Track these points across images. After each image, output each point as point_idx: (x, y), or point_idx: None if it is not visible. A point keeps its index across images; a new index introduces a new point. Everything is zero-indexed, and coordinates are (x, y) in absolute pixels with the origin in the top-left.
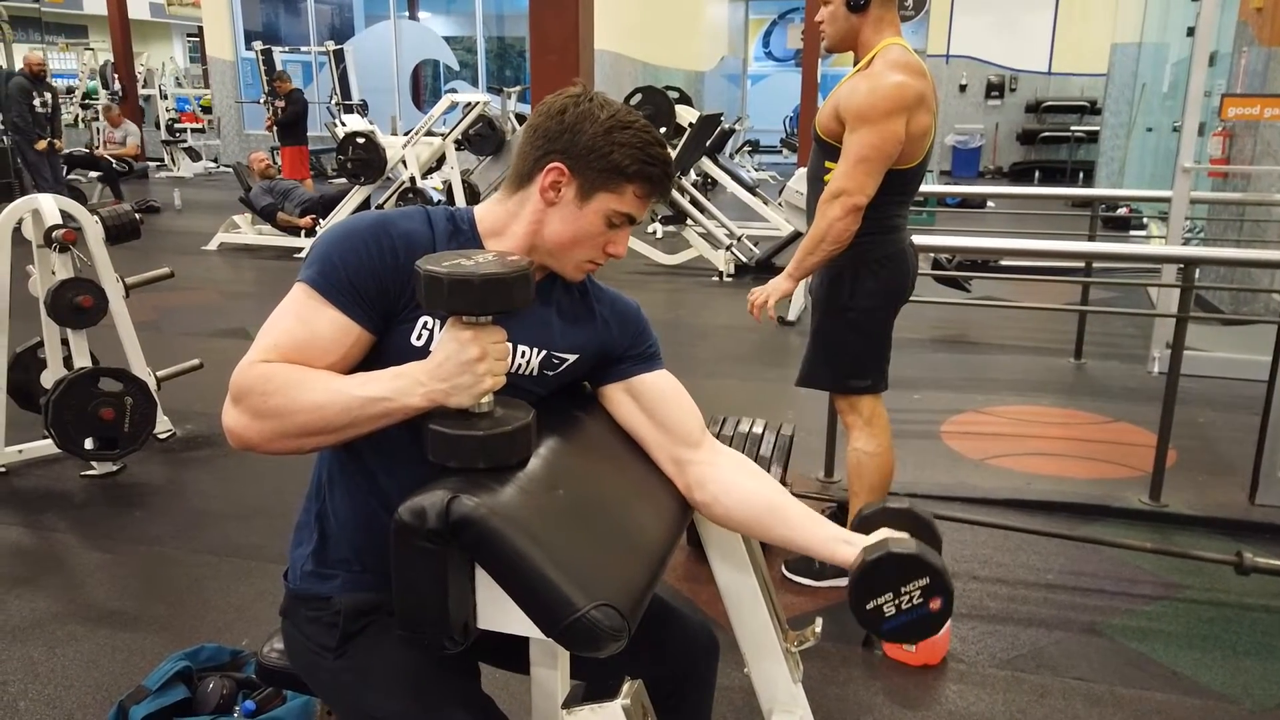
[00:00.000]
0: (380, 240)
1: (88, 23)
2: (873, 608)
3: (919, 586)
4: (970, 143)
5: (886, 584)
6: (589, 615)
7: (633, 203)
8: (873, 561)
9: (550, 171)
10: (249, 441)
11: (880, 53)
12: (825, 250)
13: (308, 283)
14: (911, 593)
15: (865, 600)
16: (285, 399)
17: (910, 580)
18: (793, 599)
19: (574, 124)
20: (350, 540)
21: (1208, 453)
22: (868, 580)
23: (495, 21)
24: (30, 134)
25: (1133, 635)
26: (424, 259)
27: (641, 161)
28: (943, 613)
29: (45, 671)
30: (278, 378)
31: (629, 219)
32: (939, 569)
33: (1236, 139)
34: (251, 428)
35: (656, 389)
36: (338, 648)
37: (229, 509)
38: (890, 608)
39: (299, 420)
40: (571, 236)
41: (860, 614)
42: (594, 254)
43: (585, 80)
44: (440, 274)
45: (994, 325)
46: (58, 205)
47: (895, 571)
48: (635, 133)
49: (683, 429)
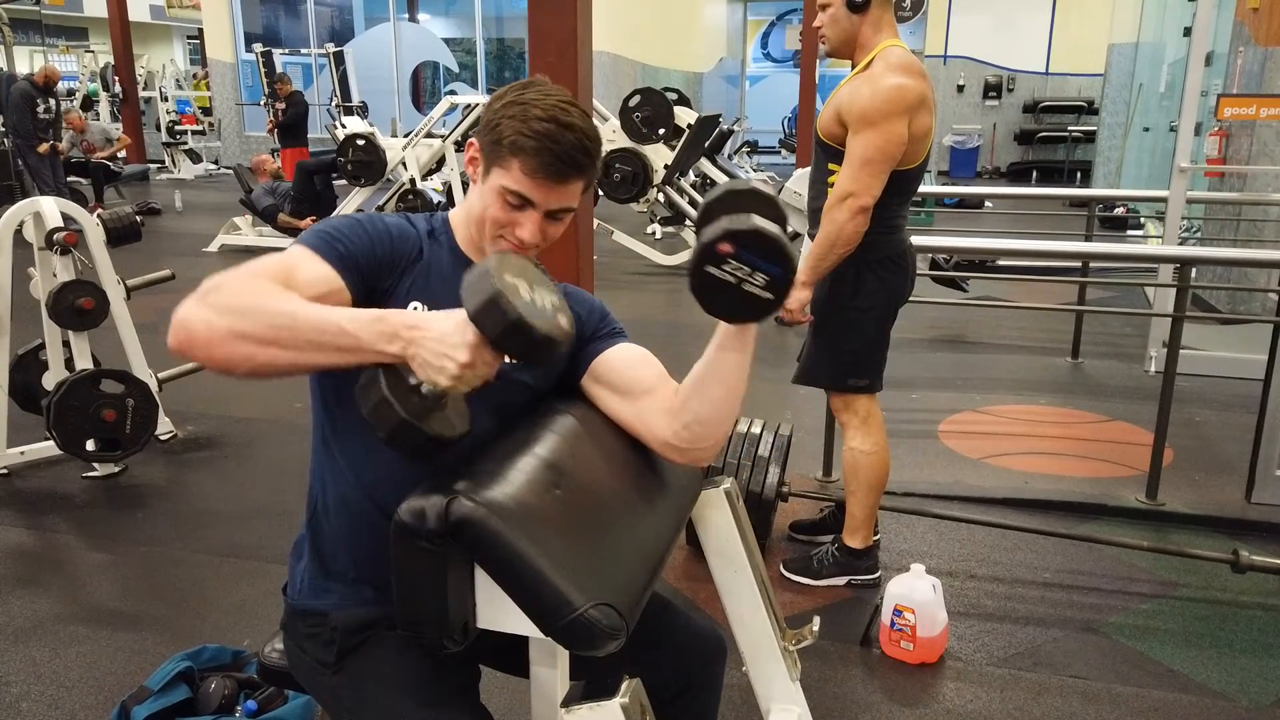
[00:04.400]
0: (375, 222)
1: (88, 25)
2: (746, 301)
3: (725, 261)
4: (968, 143)
5: (718, 287)
6: (587, 614)
7: (520, 180)
8: (697, 294)
9: (469, 148)
10: (194, 336)
11: (879, 54)
12: (838, 253)
13: (302, 243)
14: (734, 269)
15: (728, 310)
16: (258, 300)
17: (722, 268)
18: (791, 598)
19: (492, 100)
20: (347, 549)
21: (1204, 451)
22: (712, 305)
23: (494, 23)
24: (31, 138)
25: (1130, 633)
26: (496, 263)
27: (519, 133)
28: (745, 241)
29: (48, 672)
30: (259, 284)
31: (524, 200)
32: (704, 240)
33: (1233, 139)
34: (204, 321)
35: (615, 359)
36: (335, 663)
37: (230, 510)
38: (749, 285)
39: (264, 321)
40: (478, 213)
41: (748, 314)
42: (502, 233)
43: (583, 81)
44: (497, 297)
45: (991, 325)
46: (59, 208)
47: (708, 279)
48: (526, 105)
49: (642, 383)
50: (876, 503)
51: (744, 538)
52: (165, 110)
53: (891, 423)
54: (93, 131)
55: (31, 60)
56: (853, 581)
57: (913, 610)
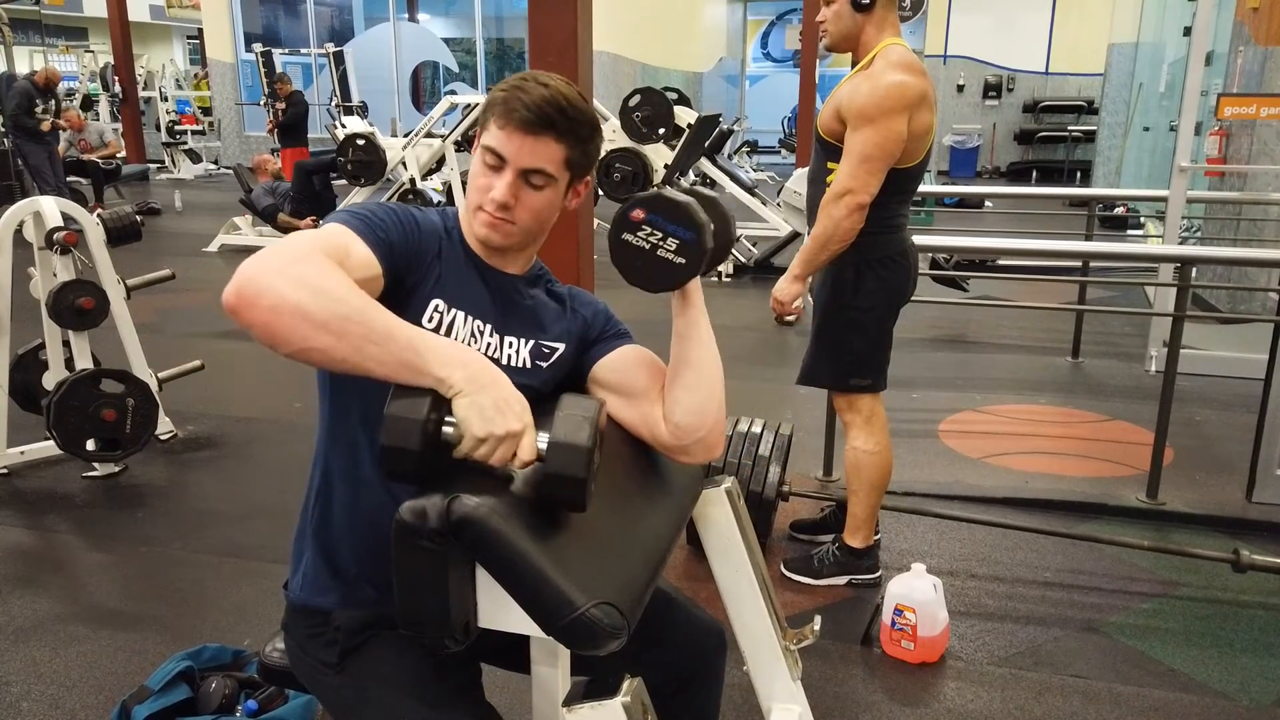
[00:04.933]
0: (406, 213)
1: (88, 25)
2: (663, 268)
3: (637, 230)
4: (968, 143)
5: (638, 260)
6: (588, 613)
7: (494, 135)
8: (620, 269)
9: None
10: (260, 298)
11: (881, 52)
12: (832, 250)
13: (343, 223)
14: (648, 237)
15: (646, 279)
16: (336, 286)
17: (636, 239)
18: (791, 597)
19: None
20: (351, 548)
21: (1205, 451)
22: (633, 276)
23: (494, 23)
24: (32, 135)
25: (1130, 633)
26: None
27: (497, 91)
28: (655, 203)
29: (48, 672)
30: (339, 271)
31: (498, 155)
32: (617, 216)
33: (1233, 138)
34: (280, 288)
35: (618, 361)
36: (338, 664)
37: (231, 509)
38: (667, 253)
39: (335, 310)
40: (468, 187)
41: (671, 280)
42: (480, 200)
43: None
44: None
45: (992, 324)
46: (59, 207)
47: (625, 251)
48: (515, 77)
49: (640, 386)
50: (878, 503)
51: (745, 537)
52: (165, 110)
53: (892, 422)
54: (90, 131)
55: (31, 60)
56: (853, 581)
57: (913, 610)
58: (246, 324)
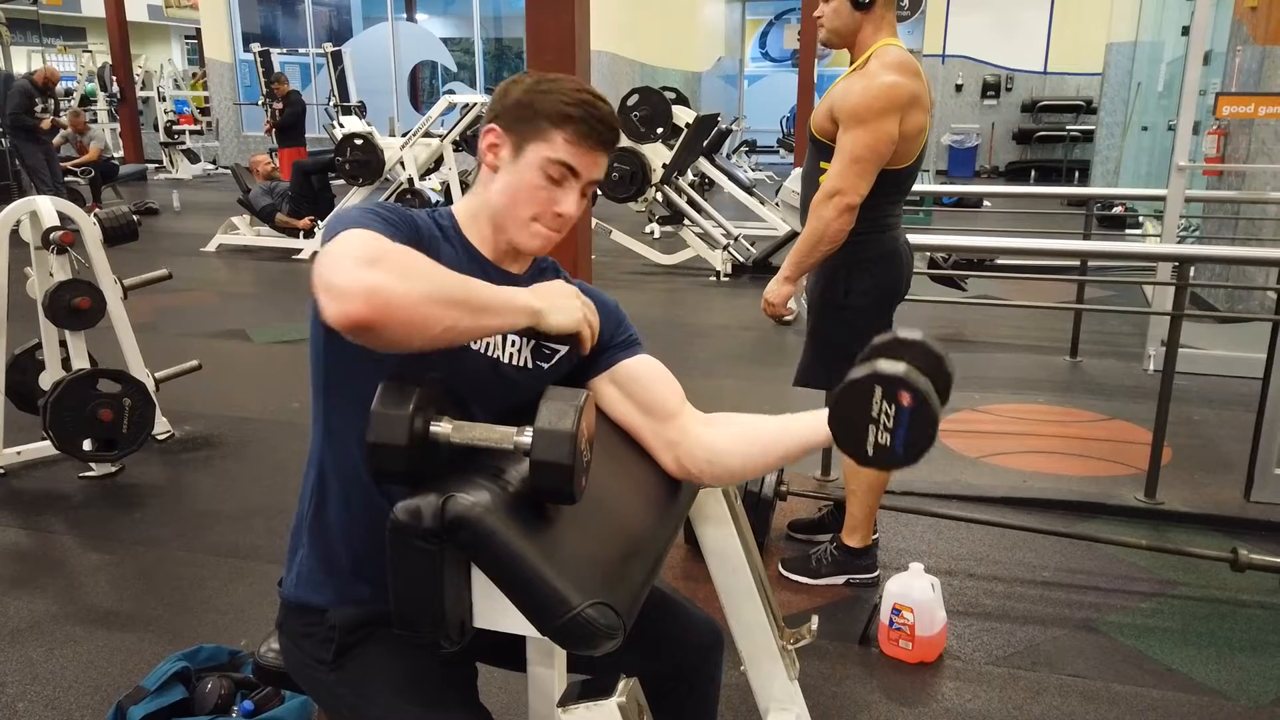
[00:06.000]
0: (401, 214)
1: (86, 25)
2: (869, 447)
3: (883, 398)
4: (966, 142)
5: (857, 417)
6: (584, 613)
7: (565, 149)
8: (832, 412)
9: (486, 135)
10: (392, 298)
11: (876, 53)
12: (822, 251)
13: (364, 226)
14: (884, 410)
15: (850, 444)
16: (430, 265)
17: (876, 401)
18: (789, 597)
19: (504, 90)
20: (346, 545)
21: (1203, 450)
22: (839, 428)
23: (493, 23)
24: (30, 135)
25: (1128, 632)
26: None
27: (561, 103)
28: (921, 407)
29: (44, 673)
30: (414, 252)
31: (569, 169)
32: (889, 374)
33: (1231, 137)
34: (400, 284)
35: (638, 372)
36: (333, 662)
37: (227, 510)
38: (882, 436)
39: (448, 286)
40: (513, 195)
41: (862, 458)
42: (538, 212)
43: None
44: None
45: (990, 324)
46: (55, 207)
47: (855, 403)
48: (559, 83)
49: (665, 406)
50: (876, 503)
51: (742, 537)
52: (163, 110)
53: None
54: (91, 134)
55: (29, 60)
56: (851, 580)
57: (911, 609)
58: (383, 332)
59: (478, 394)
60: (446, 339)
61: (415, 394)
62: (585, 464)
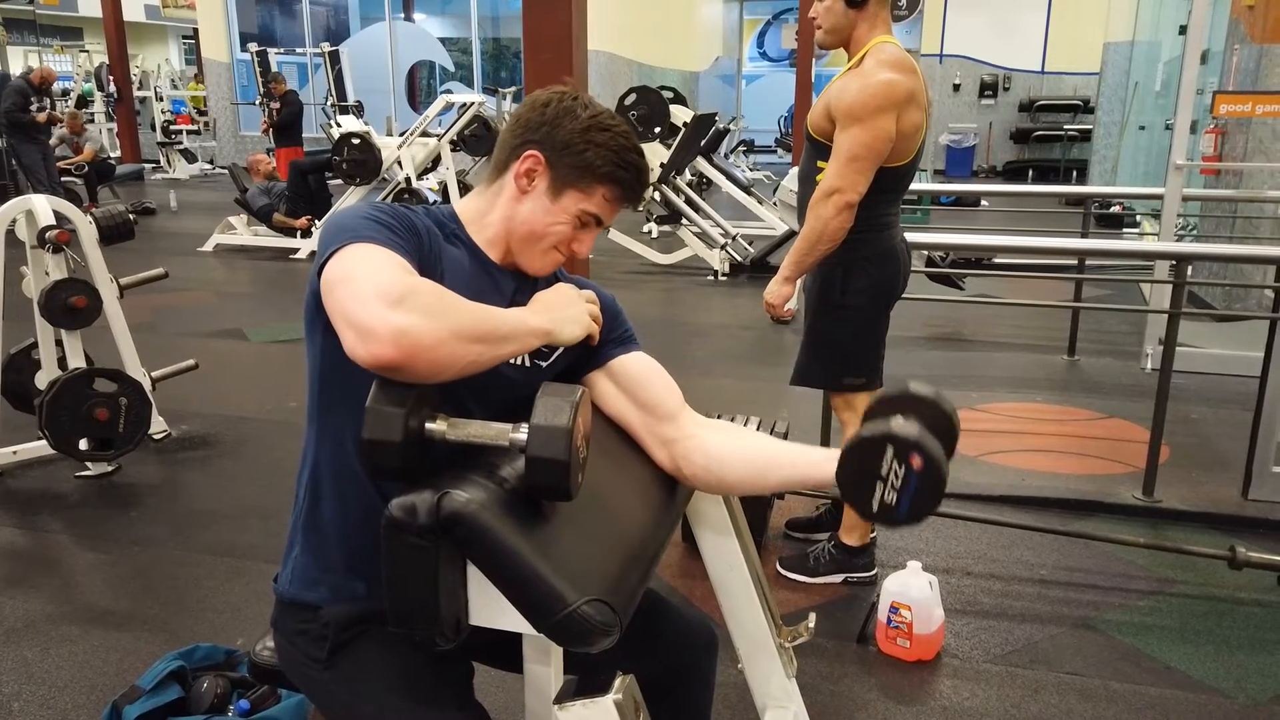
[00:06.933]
0: (403, 216)
1: (83, 25)
2: (874, 503)
3: (894, 458)
4: (964, 142)
5: (866, 473)
6: (580, 610)
7: (601, 205)
8: (841, 464)
9: (527, 159)
10: (420, 340)
11: (871, 51)
12: (821, 250)
13: (368, 237)
14: (894, 470)
15: (856, 499)
16: (452, 300)
17: (887, 460)
18: (787, 595)
19: (554, 118)
20: (343, 543)
21: (1201, 448)
22: (846, 481)
23: (490, 23)
24: (26, 134)
25: (1126, 630)
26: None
27: (614, 164)
28: (931, 472)
29: (39, 672)
30: (436, 287)
31: (596, 220)
32: (902, 436)
33: (1229, 136)
34: (426, 325)
35: (635, 369)
36: (328, 659)
37: (224, 509)
38: (889, 495)
39: (471, 321)
40: (540, 229)
41: (866, 514)
42: (556, 245)
43: (579, 80)
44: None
45: (988, 322)
46: (51, 206)
47: (866, 459)
48: (613, 135)
49: (664, 406)
50: None
51: (740, 535)
52: (160, 110)
53: None
54: (88, 134)
55: (26, 60)
56: (849, 579)
57: (909, 607)
58: (410, 371)
59: (475, 392)
60: (470, 371)
61: (411, 391)
62: (581, 460)
